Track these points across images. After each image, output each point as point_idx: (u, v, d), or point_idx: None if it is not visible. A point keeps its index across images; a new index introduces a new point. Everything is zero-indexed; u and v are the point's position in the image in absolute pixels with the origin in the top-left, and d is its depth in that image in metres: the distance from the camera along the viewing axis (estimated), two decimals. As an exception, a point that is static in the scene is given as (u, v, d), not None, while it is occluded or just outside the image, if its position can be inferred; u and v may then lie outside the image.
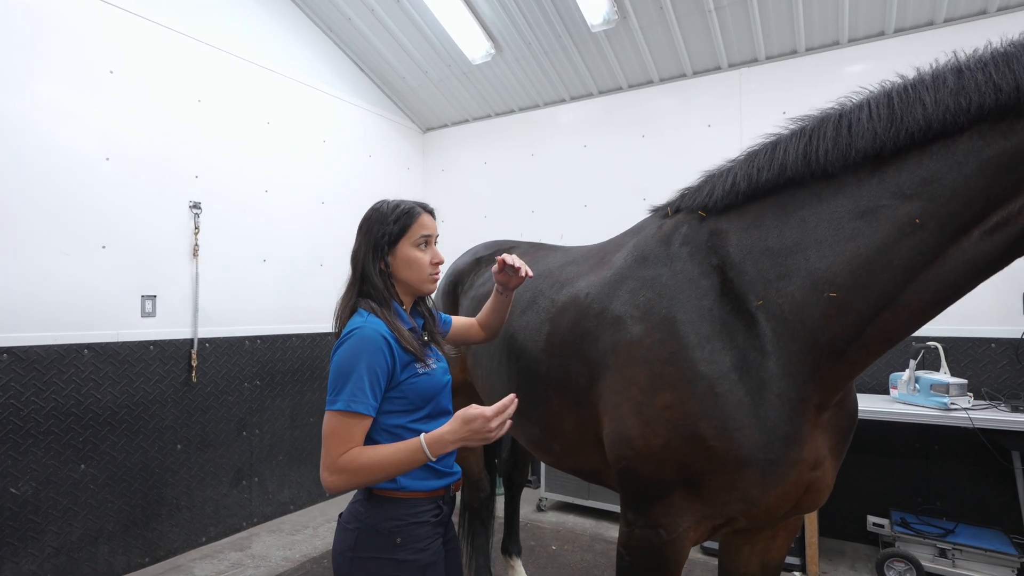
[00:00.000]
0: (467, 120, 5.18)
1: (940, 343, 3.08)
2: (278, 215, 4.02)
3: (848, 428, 1.47)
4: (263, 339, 3.88)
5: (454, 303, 2.50)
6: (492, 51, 4.24)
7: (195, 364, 3.42)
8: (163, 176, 3.32)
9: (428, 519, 1.32)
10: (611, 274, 1.67)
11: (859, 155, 1.21)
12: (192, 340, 3.43)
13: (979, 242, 1.09)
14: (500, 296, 1.67)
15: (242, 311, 3.76)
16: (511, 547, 2.89)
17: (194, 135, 3.49)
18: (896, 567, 2.87)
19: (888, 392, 3.23)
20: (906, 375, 3.06)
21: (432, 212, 1.46)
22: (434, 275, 1.43)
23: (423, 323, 1.47)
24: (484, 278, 2.35)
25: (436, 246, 1.45)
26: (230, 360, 3.66)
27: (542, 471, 4.10)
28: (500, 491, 3.33)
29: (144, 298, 3.22)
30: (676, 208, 1.63)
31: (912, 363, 3.05)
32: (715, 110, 3.99)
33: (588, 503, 3.92)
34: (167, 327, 3.32)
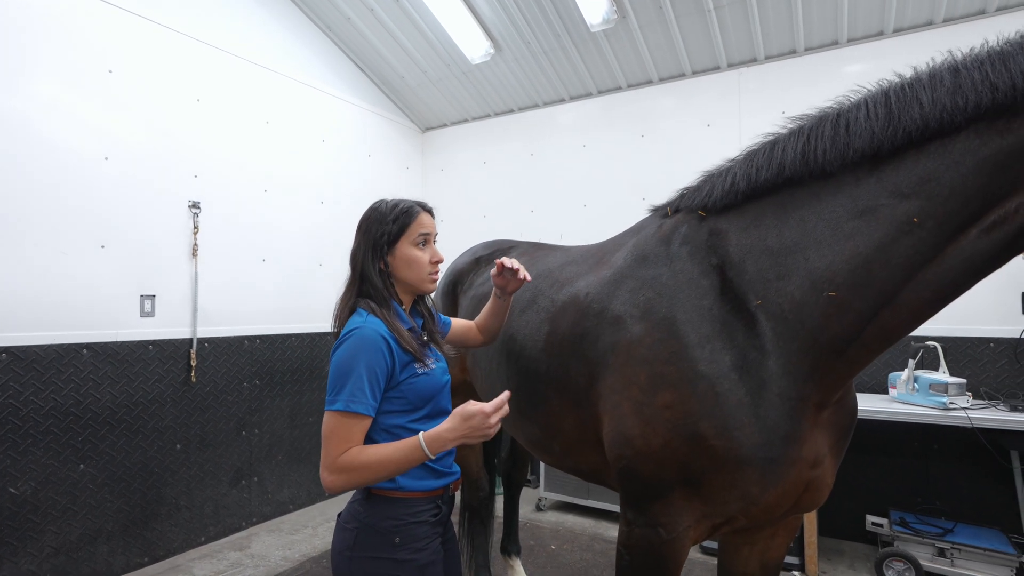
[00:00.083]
0: (466, 120, 5.18)
1: (939, 343, 3.08)
2: (277, 215, 4.02)
3: (848, 426, 1.47)
4: (262, 339, 3.88)
5: (453, 303, 2.50)
6: (491, 51, 4.24)
7: (194, 364, 3.41)
8: (162, 176, 3.31)
9: (427, 519, 1.32)
10: (611, 274, 1.67)
11: (857, 154, 1.21)
12: (191, 340, 3.43)
13: (977, 240, 1.09)
14: (498, 300, 1.65)
15: (241, 311, 3.76)
16: (510, 547, 2.90)
17: (193, 135, 3.49)
18: (895, 566, 2.87)
19: (887, 392, 3.23)
20: (905, 375, 3.07)
21: (431, 211, 1.45)
22: (433, 274, 1.43)
23: (422, 323, 1.47)
24: (483, 278, 2.35)
25: (435, 245, 1.45)
26: (229, 360, 3.66)
27: (541, 471, 4.10)
28: (499, 491, 3.32)
29: (143, 298, 3.22)
30: (676, 208, 1.63)
31: (911, 363, 3.05)
32: (714, 110, 3.99)
33: (587, 503, 3.92)
34: (166, 327, 3.32)
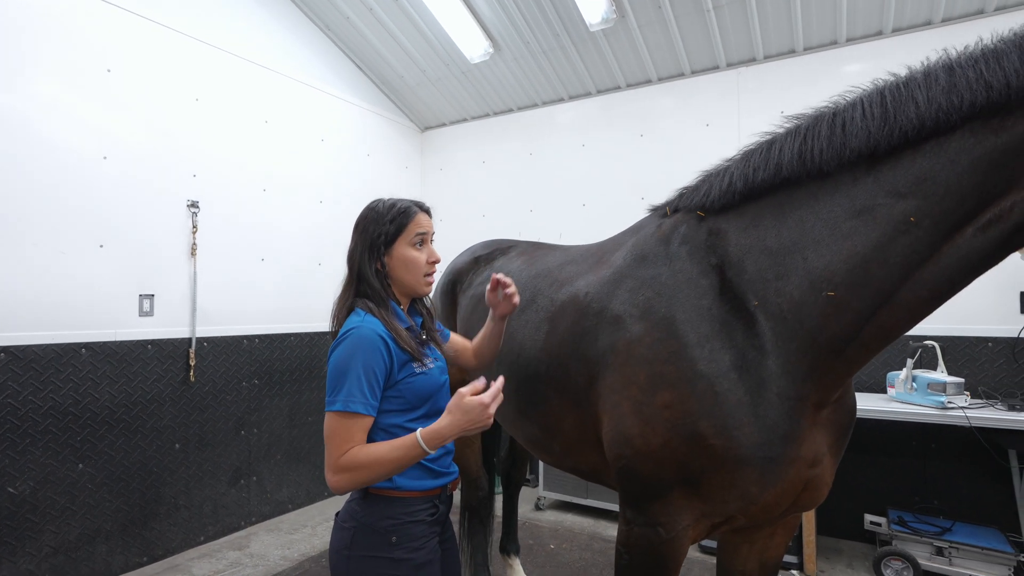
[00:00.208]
0: (465, 119, 5.18)
1: (937, 342, 3.08)
2: (276, 214, 4.01)
3: (847, 425, 1.47)
4: (261, 338, 3.88)
5: (452, 302, 2.50)
6: (490, 50, 4.24)
7: (193, 363, 3.41)
8: (161, 175, 3.31)
9: (424, 518, 1.32)
10: (610, 273, 1.67)
11: (854, 154, 1.22)
12: (190, 339, 3.42)
13: (973, 239, 1.09)
14: (492, 324, 1.61)
15: (240, 310, 3.75)
16: (509, 546, 2.90)
17: (192, 134, 3.48)
18: (893, 565, 2.88)
19: (885, 391, 3.24)
20: (903, 374, 3.07)
21: (428, 211, 1.45)
22: (430, 276, 1.42)
23: (421, 322, 1.47)
24: (483, 277, 2.35)
25: (433, 245, 1.44)
26: (228, 359, 3.66)
27: (540, 470, 4.10)
28: (498, 490, 3.33)
29: (142, 297, 3.21)
30: (675, 208, 1.63)
31: (909, 362, 3.06)
32: (713, 109, 3.99)
33: (586, 502, 3.92)
34: (165, 326, 3.32)
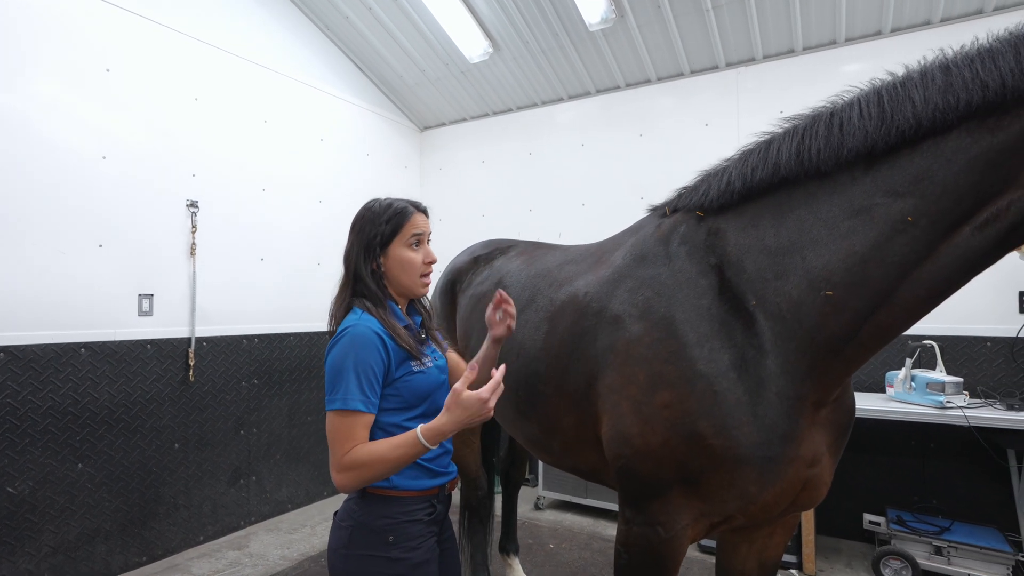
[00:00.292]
0: (465, 119, 5.18)
1: (936, 342, 3.09)
2: (275, 214, 4.01)
3: (846, 424, 1.47)
4: (260, 338, 3.88)
5: (452, 302, 2.50)
6: (490, 50, 4.24)
7: (192, 363, 3.41)
8: (160, 175, 3.31)
9: (421, 518, 1.32)
10: (610, 273, 1.67)
11: (851, 154, 1.22)
12: (189, 339, 3.42)
13: (970, 238, 1.10)
14: (487, 348, 1.52)
15: (239, 310, 3.75)
16: (509, 545, 2.90)
17: (191, 134, 3.48)
18: (892, 565, 2.88)
19: (884, 391, 3.24)
20: (902, 373, 3.07)
21: (425, 211, 1.43)
22: (426, 277, 1.41)
23: (420, 320, 1.46)
24: (482, 277, 2.35)
25: (430, 245, 1.43)
26: (227, 359, 3.66)
27: (540, 469, 4.11)
28: (498, 489, 3.33)
29: (141, 297, 3.21)
30: (674, 207, 1.63)
31: (908, 361, 3.06)
32: (713, 109, 3.99)
33: (586, 501, 3.93)
34: (164, 326, 3.31)
